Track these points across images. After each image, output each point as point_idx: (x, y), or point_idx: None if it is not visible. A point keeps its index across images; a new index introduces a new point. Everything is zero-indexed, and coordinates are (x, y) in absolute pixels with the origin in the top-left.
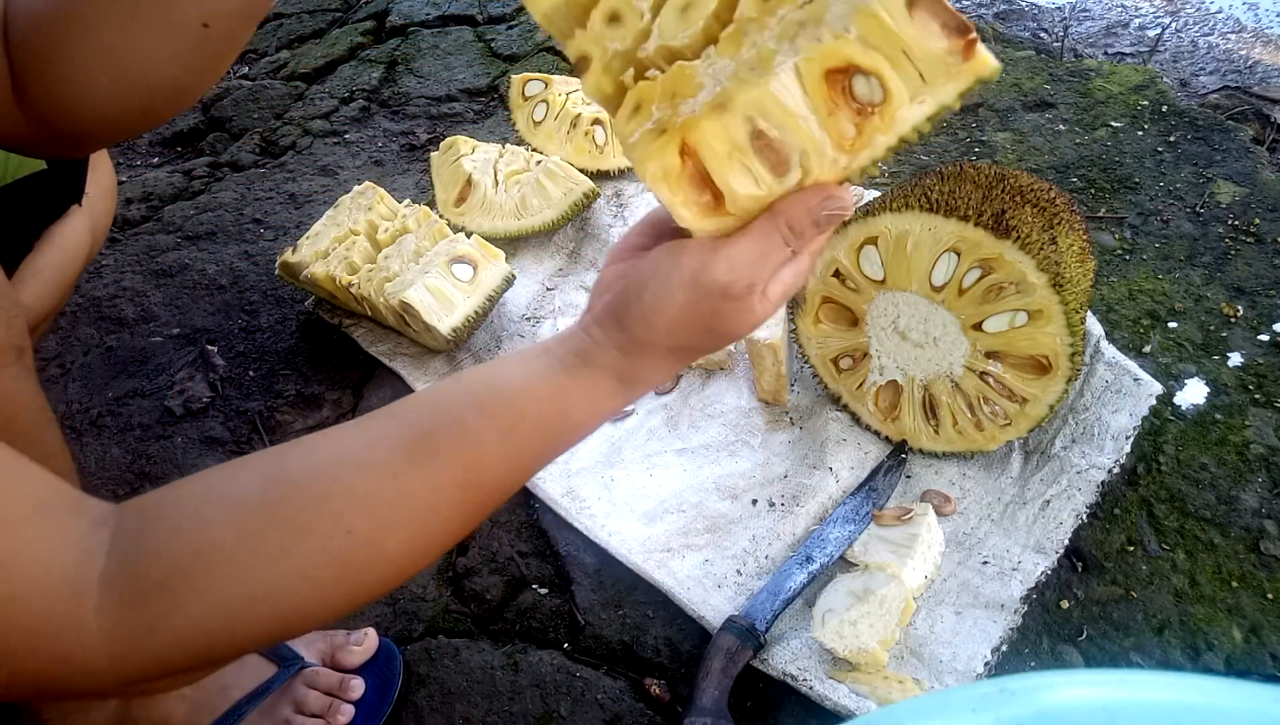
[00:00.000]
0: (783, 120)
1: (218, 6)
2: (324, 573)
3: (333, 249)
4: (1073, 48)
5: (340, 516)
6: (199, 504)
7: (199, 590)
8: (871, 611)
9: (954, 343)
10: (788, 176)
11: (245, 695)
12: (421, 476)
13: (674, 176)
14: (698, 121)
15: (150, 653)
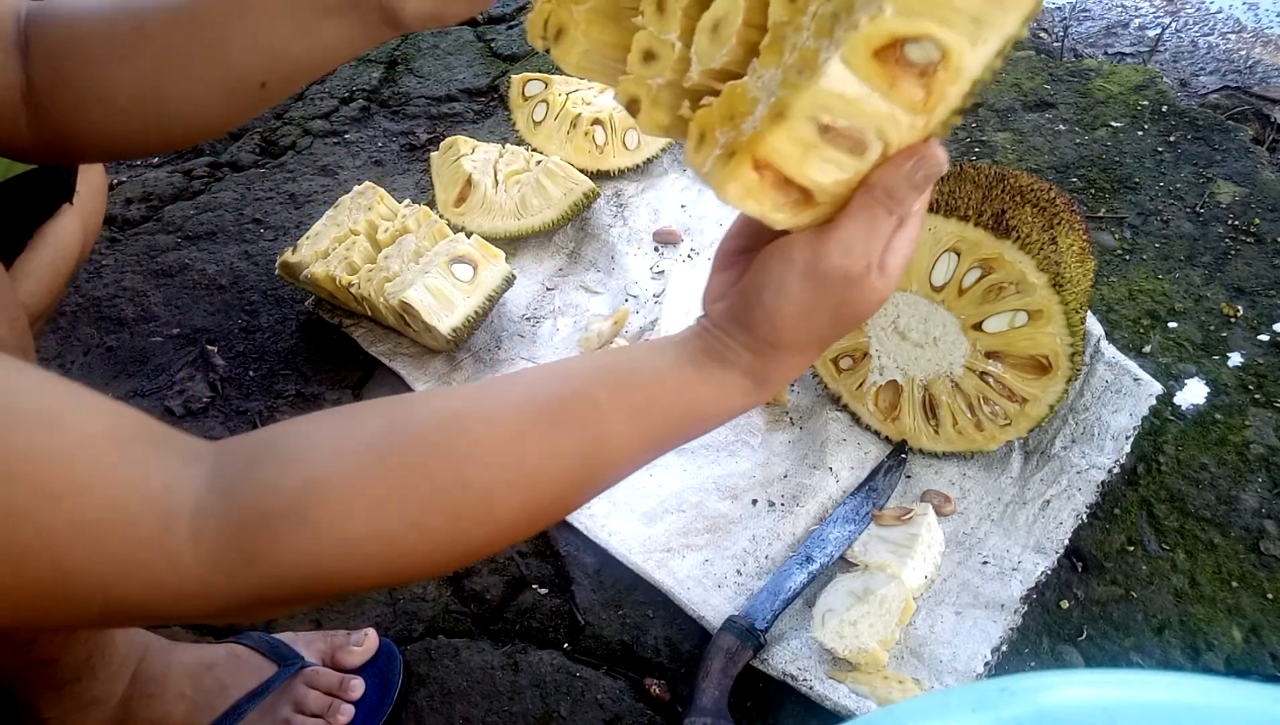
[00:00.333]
0: (845, 109)
1: (278, 69)
2: (435, 521)
3: (333, 249)
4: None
5: (460, 468)
6: (316, 440)
7: (309, 523)
8: (871, 611)
9: (954, 343)
10: (868, 153)
11: (245, 694)
12: (545, 441)
13: (756, 190)
14: (762, 136)
15: (247, 583)
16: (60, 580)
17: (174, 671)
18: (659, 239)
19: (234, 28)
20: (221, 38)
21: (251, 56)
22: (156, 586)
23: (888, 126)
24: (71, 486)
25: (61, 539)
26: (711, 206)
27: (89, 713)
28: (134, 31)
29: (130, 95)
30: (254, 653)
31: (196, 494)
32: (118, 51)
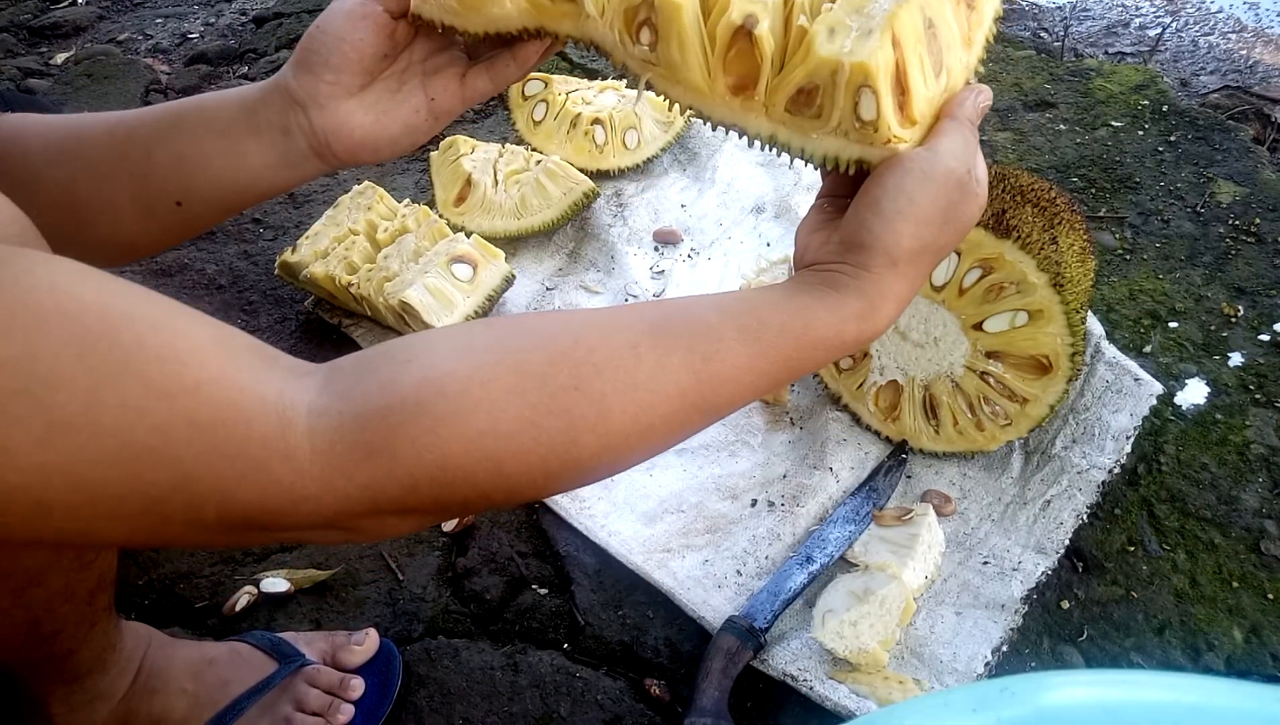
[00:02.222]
0: (938, 7)
1: (195, 187)
2: (550, 422)
3: (332, 249)
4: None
5: (576, 371)
6: (433, 345)
7: (428, 414)
8: (872, 612)
9: (954, 343)
10: (941, 78)
11: (245, 691)
12: (657, 353)
13: (889, 69)
14: (895, 14)
15: (366, 480)
16: (178, 482)
17: (175, 667)
18: (659, 239)
19: (162, 140)
20: (147, 150)
21: (172, 171)
22: (274, 488)
23: (952, 53)
24: (186, 384)
25: (178, 437)
26: (711, 206)
27: (95, 708)
28: (71, 137)
29: (53, 200)
30: (255, 650)
31: (310, 397)
32: (49, 154)
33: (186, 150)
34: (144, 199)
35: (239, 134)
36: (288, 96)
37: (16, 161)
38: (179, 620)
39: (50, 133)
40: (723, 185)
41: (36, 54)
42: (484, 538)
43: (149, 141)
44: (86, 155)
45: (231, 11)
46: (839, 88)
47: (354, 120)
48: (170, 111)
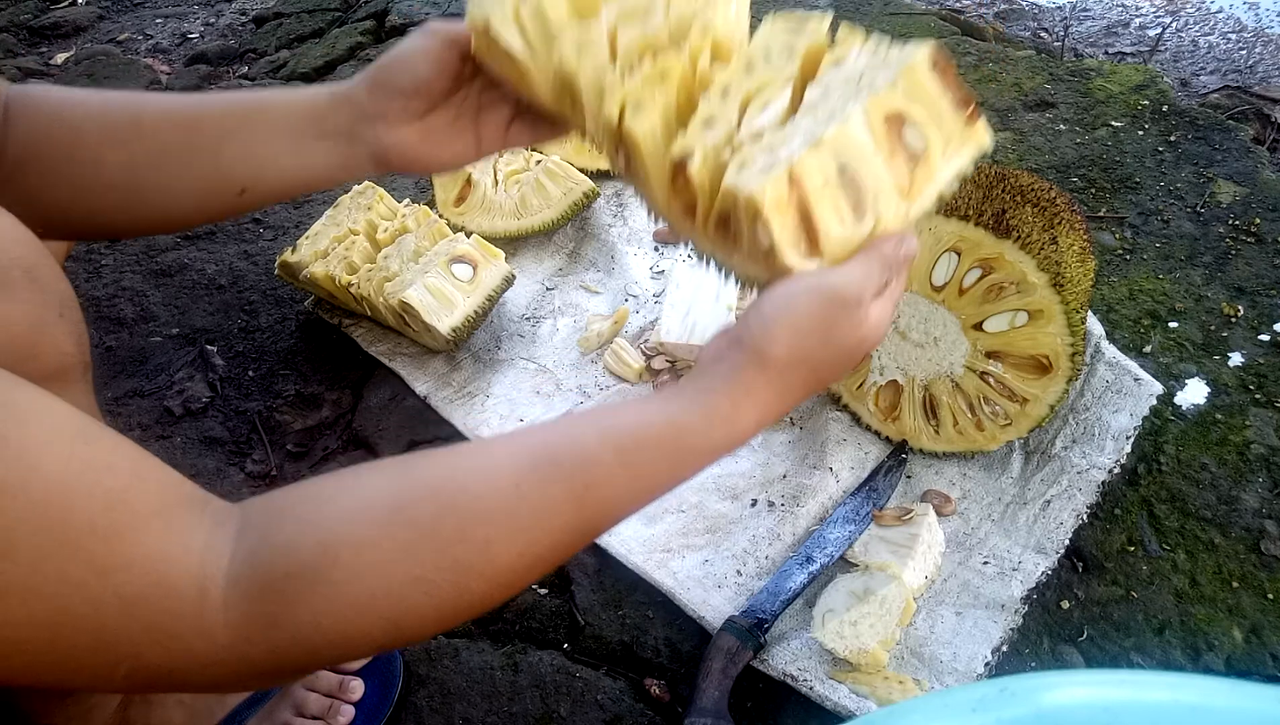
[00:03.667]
0: (859, 156)
1: (262, 180)
2: (439, 577)
3: (332, 249)
4: (1073, 47)
5: (462, 522)
6: (327, 502)
7: (323, 583)
8: (872, 612)
9: (954, 343)
10: (865, 220)
11: (244, 700)
12: (539, 491)
13: (783, 206)
14: (799, 159)
15: (269, 646)
16: (96, 647)
17: None
18: (659, 239)
19: (234, 134)
20: (217, 141)
21: (241, 164)
22: (186, 655)
23: (883, 198)
24: (123, 562)
25: (106, 609)
26: None
27: (90, 717)
28: (130, 122)
29: (111, 181)
30: None
31: (226, 562)
32: (111, 136)
33: (257, 148)
34: (208, 185)
35: (307, 136)
36: (358, 109)
37: (68, 139)
38: None
39: (107, 115)
40: None
41: (36, 54)
42: None
43: (217, 134)
44: (148, 141)
45: (231, 11)
46: (742, 217)
47: (413, 139)
48: (237, 106)
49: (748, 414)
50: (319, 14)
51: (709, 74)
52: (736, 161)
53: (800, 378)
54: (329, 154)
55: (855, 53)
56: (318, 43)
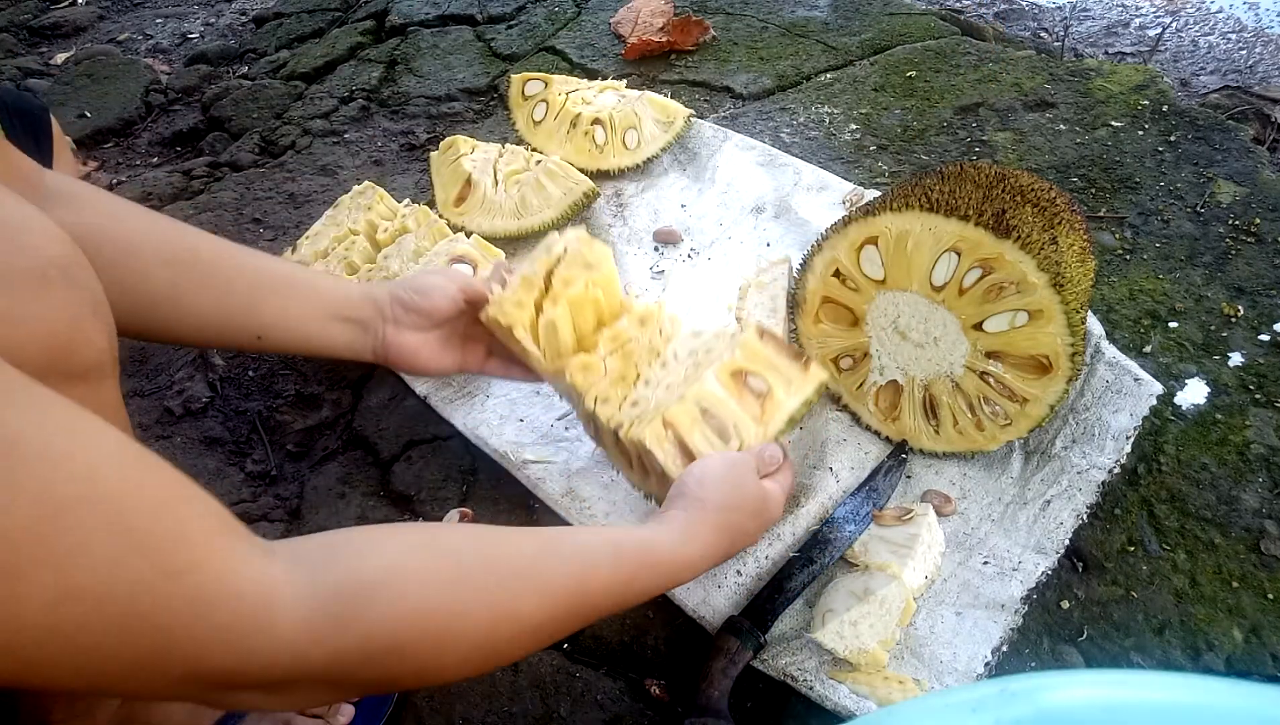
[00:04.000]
0: (714, 403)
1: (280, 337)
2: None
3: (332, 249)
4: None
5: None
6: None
7: (387, 592)
8: (872, 612)
9: (954, 343)
10: (730, 441)
11: None
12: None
13: (661, 438)
14: (669, 408)
15: (333, 648)
16: (161, 649)
17: None
18: (659, 239)
19: (276, 292)
20: (257, 291)
21: (268, 320)
22: (248, 655)
23: (741, 426)
24: (191, 563)
25: (176, 610)
26: (711, 206)
27: (94, 713)
28: (188, 250)
29: (154, 294)
30: None
31: (286, 575)
32: (167, 256)
33: (291, 310)
34: (236, 324)
35: (333, 317)
36: (379, 310)
37: (124, 243)
38: None
39: (166, 234)
40: (723, 185)
41: (36, 54)
42: None
43: (260, 286)
44: (200, 271)
45: (231, 11)
46: (642, 454)
47: (411, 345)
48: (283, 270)
49: (697, 537)
50: (319, 14)
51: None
52: (632, 413)
53: (729, 520)
54: (344, 334)
55: (702, 338)
56: (318, 43)
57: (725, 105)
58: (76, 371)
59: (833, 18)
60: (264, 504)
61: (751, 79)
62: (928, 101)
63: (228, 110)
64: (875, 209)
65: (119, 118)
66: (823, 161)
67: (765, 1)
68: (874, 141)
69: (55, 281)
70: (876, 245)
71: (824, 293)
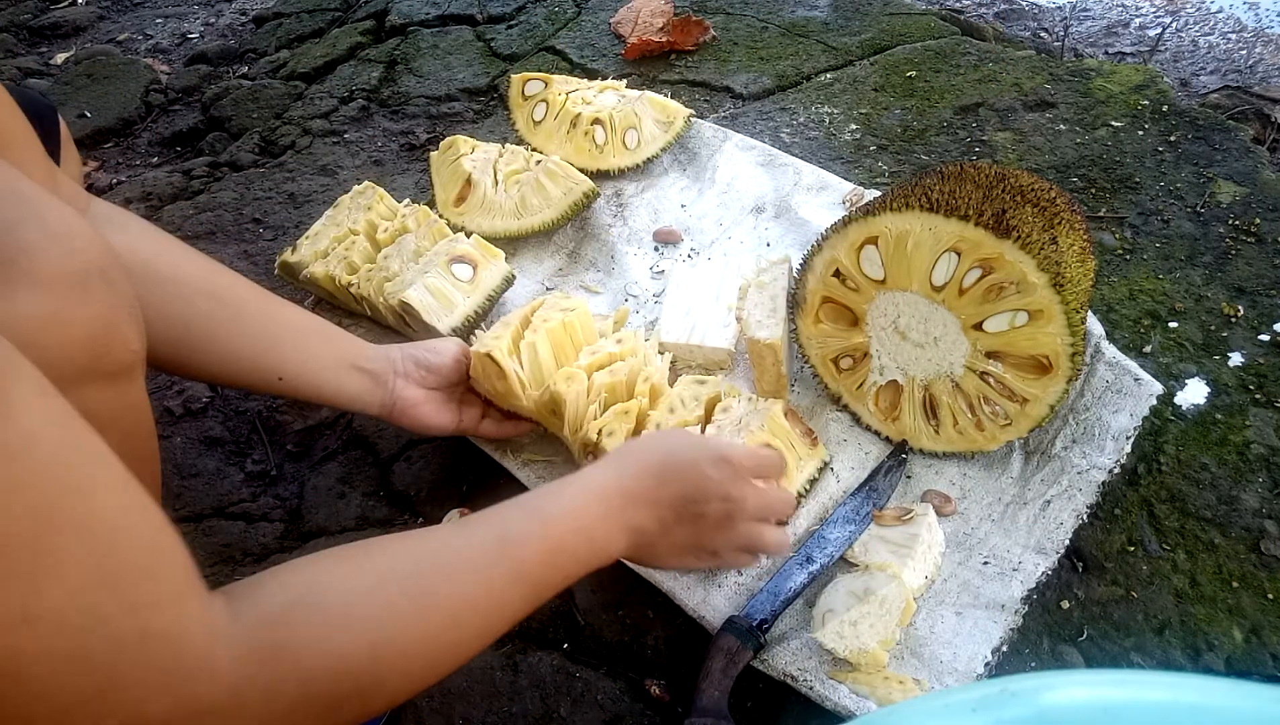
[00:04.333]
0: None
1: (299, 384)
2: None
3: (332, 249)
4: (1073, 47)
5: (420, 567)
6: (298, 567)
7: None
8: (872, 612)
9: (954, 343)
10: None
11: None
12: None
13: None
14: None
15: (267, 682)
16: (104, 689)
17: None
18: (659, 238)
19: (300, 338)
20: (282, 339)
21: (291, 363)
22: (190, 698)
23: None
24: (150, 600)
25: (126, 648)
26: (711, 206)
27: None
28: (228, 286)
29: (189, 325)
30: None
31: (225, 614)
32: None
33: (312, 359)
34: (260, 364)
35: (349, 367)
36: (392, 364)
37: (170, 272)
38: None
39: (208, 269)
40: (723, 185)
41: (36, 54)
42: None
43: (286, 333)
44: (234, 308)
45: (231, 11)
46: None
47: (416, 399)
48: (307, 320)
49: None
50: (319, 14)
51: (647, 411)
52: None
53: (655, 496)
54: (357, 384)
55: (737, 403)
56: (318, 43)
57: (725, 105)
58: (113, 371)
59: (833, 18)
60: (264, 504)
61: (751, 79)
62: (928, 101)
63: (228, 110)
64: (875, 209)
65: (119, 118)
66: (823, 161)
67: (765, 1)
68: (874, 141)
69: (96, 284)
70: (876, 245)
71: (824, 293)
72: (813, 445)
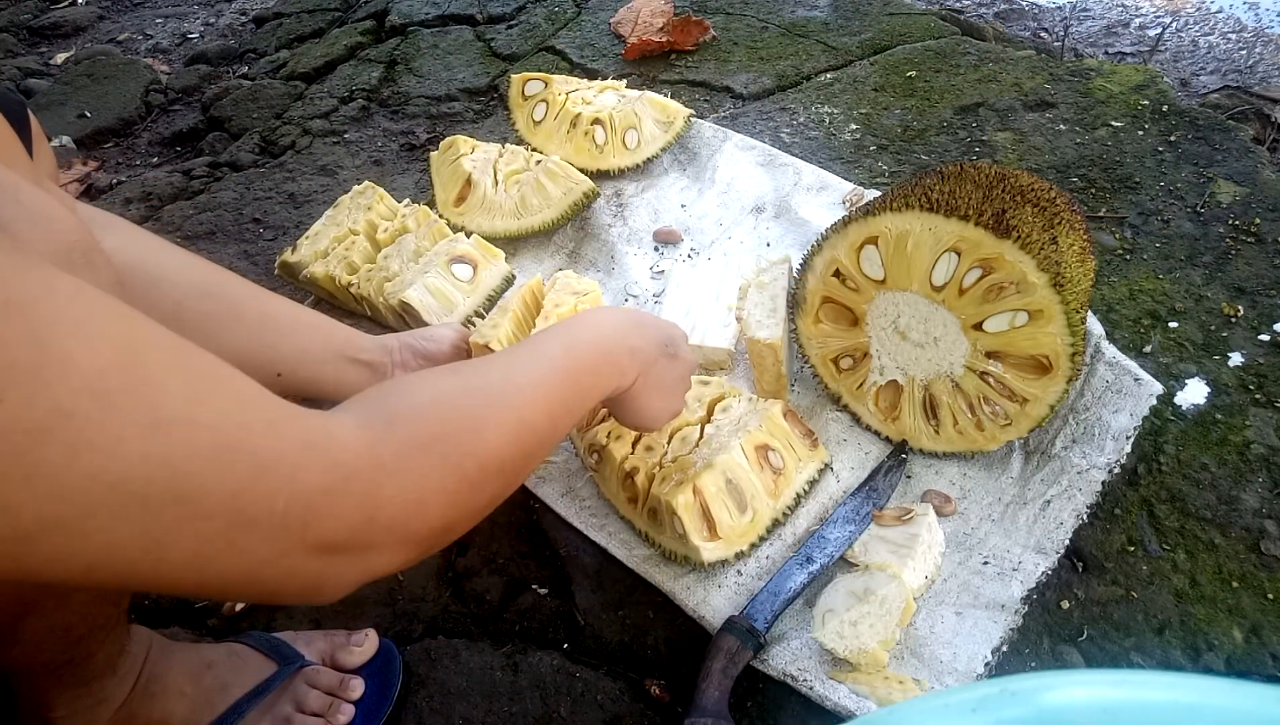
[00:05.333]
0: (739, 474)
1: (299, 377)
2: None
3: (332, 249)
4: (1073, 47)
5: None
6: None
7: (413, 397)
8: (872, 612)
9: (954, 343)
10: (746, 513)
11: (246, 693)
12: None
13: (690, 506)
14: (700, 474)
15: (394, 444)
16: (258, 472)
17: (175, 670)
18: (659, 238)
19: (296, 332)
20: (279, 335)
21: (290, 359)
22: (333, 467)
23: (757, 499)
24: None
25: (257, 433)
26: (711, 206)
27: (97, 711)
28: (218, 285)
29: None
30: (254, 651)
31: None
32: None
33: (311, 353)
34: (259, 360)
35: (347, 358)
36: (389, 353)
37: (156, 275)
38: (179, 620)
39: (195, 268)
40: (723, 185)
41: (36, 54)
42: (484, 538)
43: (282, 329)
44: (229, 307)
45: (231, 11)
46: (664, 512)
47: None
48: (305, 314)
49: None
50: (319, 14)
51: None
52: (660, 476)
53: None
54: (355, 374)
55: (736, 403)
56: (318, 43)
57: (725, 105)
58: None
59: (833, 18)
60: None
61: (751, 79)
62: (928, 101)
63: (228, 110)
64: (875, 209)
65: (119, 118)
66: (823, 161)
67: (765, 1)
68: (874, 141)
69: (79, 265)
70: (876, 245)
71: (824, 293)
72: (813, 447)
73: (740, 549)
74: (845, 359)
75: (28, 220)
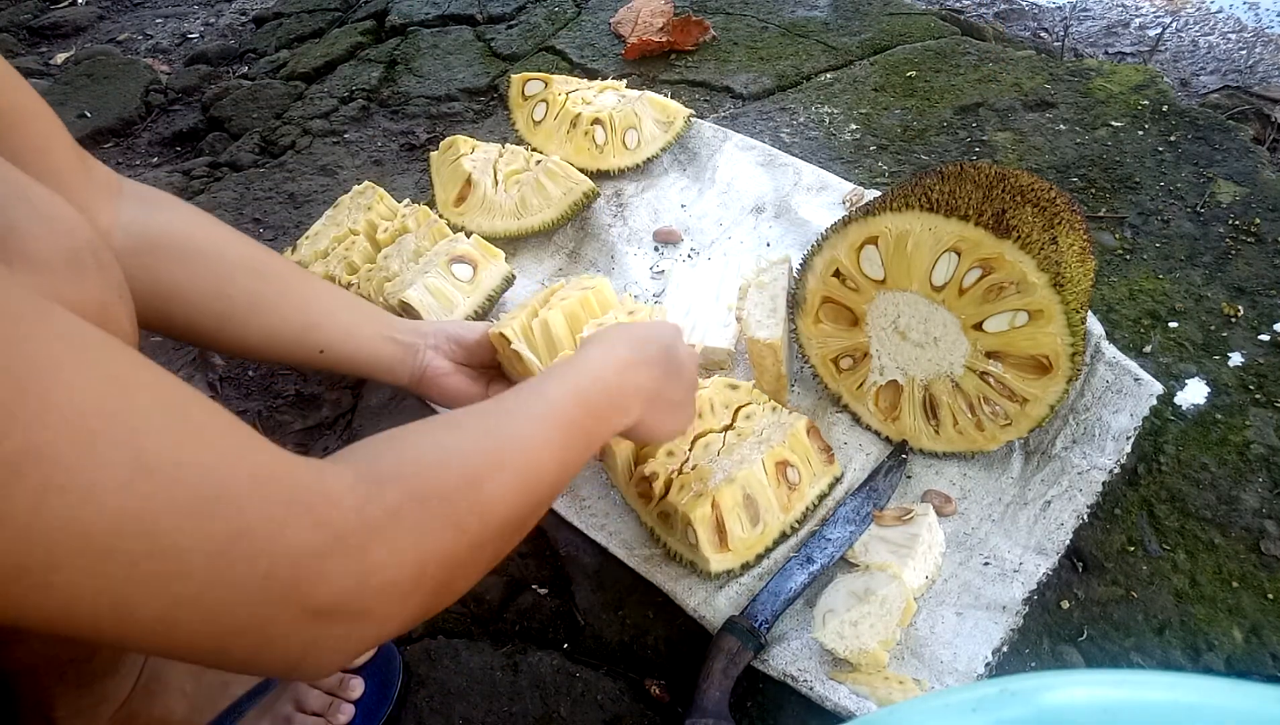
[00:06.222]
0: (757, 489)
1: (340, 353)
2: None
3: (332, 249)
4: (1073, 47)
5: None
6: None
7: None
8: (872, 612)
9: (954, 343)
10: (758, 527)
11: (246, 692)
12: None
13: (706, 519)
14: (720, 488)
15: (386, 502)
16: (239, 531)
17: (175, 669)
18: (659, 238)
19: (339, 311)
20: (323, 311)
21: (334, 335)
22: (321, 525)
23: (769, 513)
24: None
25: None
26: (711, 206)
27: (98, 710)
28: (265, 260)
29: (234, 300)
30: None
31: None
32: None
33: (353, 330)
34: (303, 337)
35: (385, 337)
36: (424, 337)
37: (209, 250)
38: None
39: (248, 248)
40: (723, 185)
41: (36, 54)
42: None
43: (325, 305)
44: (278, 284)
45: (231, 11)
46: (679, 519)
47: (444, 371)
48: (345, 295)
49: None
50: (319, 14)
51: None
52: (678, 485)
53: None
54: (391, 353)
55: (760, 412)
56: (318, 43)
57: (725, 105)
58: None
59: (833, 18)
60: None
61: (751, 79)
62: (928, 101)
63: (228, 110)
64: (875, 209)
65: (119, 118)
66: (823, 161)
67: (765, 1)
68: (874, 141)
69: (88, 264)
70: (876, 245)
71: (824, 293)
72: (829, 462)
73: (747, 560)
74: (845, 359)
75: (37, 220)
